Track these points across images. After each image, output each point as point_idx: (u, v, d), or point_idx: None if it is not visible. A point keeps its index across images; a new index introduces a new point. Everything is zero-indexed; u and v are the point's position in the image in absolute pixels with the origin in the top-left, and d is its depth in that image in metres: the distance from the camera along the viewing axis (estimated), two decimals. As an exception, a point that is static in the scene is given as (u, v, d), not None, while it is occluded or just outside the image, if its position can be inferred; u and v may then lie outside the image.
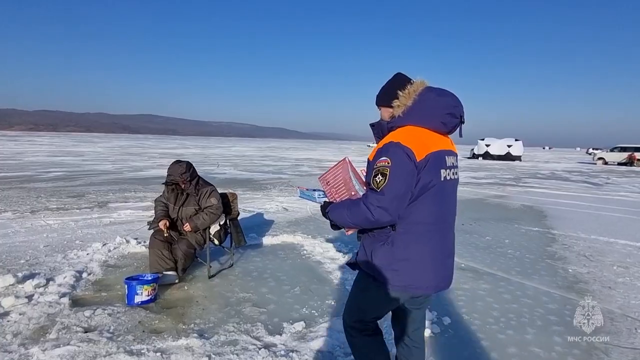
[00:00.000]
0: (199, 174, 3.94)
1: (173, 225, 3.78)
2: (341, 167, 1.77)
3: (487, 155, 34.61)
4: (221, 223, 3.88)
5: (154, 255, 3.58)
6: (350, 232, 1.79)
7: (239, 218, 4.23)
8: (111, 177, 12.53)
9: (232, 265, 4.14)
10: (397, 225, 1.63)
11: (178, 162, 3.73)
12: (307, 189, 1.99)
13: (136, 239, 4.94)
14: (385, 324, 2.59)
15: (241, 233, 4.12)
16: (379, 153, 1.63)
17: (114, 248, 4.57)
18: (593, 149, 72.16)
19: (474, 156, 36.03)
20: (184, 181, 3.69)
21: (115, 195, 8.82)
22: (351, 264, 1.87)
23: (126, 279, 3.17)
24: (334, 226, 1.80)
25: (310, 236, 5.42)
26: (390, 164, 1.56)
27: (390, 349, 2.09)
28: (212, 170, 16.19)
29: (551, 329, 2.94)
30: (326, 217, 1.79)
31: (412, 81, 1.71)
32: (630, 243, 5.63)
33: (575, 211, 8.35)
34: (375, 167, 1.61)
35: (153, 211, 3.88)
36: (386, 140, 1.65)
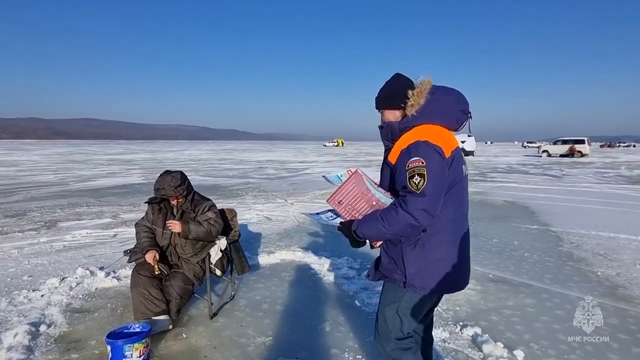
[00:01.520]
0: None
1: (162, 256, 2.98)
2: (354, 182, 1.63)
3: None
4: (222, 248, 3.12)
5: (138, 297, 2.77)
6: (379, 245, 1.70)
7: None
8: (55, 189, 11.00)
9: (233, 296, 3.40)
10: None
11: (169, 172, 2.92)
12: (311, 213, 1.80)
13: (102, 268, 4.04)
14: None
15: (244, 257, 3.39)
16: (407, 153, 1.56)
17: (77, 284, 3.65)
18: (527, 142, 77.55)
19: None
20: (179, 197, 2.90)
21: (65, 211, 7.58)
22: (374, 276, 1.78)
23: (108, 336, 2.35)
24: (356, 242, 1.71)
25: (310, 251, 4.77)
26: (425, 164, 1.51)
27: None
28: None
29: (632, 352, 2.55)
30: (351, 236, 1.65)
31: (415, 82, 1.69)
32: (631, 237, 5.54)
33: (556, 205, 8.37)
34: (408, 168, 1.54)
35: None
36: (410, 139, 1.58)
